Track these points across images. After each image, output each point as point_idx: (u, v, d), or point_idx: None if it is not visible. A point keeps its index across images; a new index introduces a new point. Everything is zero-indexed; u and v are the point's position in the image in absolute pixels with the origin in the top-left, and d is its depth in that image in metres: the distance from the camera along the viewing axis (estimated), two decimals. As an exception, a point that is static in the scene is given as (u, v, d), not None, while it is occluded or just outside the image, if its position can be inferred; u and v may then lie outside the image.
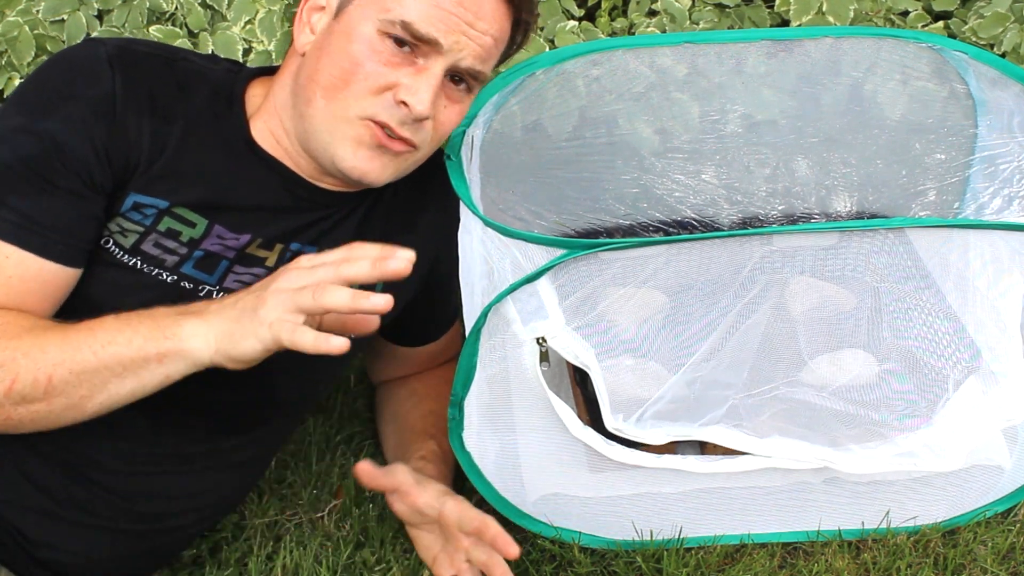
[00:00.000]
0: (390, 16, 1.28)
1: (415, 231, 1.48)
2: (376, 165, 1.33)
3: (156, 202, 1.32)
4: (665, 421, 1.41)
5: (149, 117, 1.31)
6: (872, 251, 1.57)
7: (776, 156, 1.54)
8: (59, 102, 1.28)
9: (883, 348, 1.56)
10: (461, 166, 1.42)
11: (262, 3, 1.98)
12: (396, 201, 1.47)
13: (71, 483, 1.36)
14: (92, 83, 1.29)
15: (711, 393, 1.44)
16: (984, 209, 1.48)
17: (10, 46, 1.96)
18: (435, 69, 1.29)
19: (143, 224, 1.32)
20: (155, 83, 1.33)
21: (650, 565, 1.50)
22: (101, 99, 1.29)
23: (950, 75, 1.58)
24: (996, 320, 1.44)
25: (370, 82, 1.29)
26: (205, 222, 1.34)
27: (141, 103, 1.31)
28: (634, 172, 1.51)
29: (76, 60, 1.31)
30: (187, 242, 1.34)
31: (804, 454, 1.44)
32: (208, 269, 1.35)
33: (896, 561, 1.52)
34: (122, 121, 1.29)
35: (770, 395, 1.47)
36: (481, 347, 1.37)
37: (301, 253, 1.37)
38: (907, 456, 1.44)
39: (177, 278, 1.34)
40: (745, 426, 1.43)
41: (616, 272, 1.34)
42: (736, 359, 1.44)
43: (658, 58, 1.57)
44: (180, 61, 1.38)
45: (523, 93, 1.53)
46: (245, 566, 1.53)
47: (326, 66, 1.30)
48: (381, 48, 1.29)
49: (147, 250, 1.33)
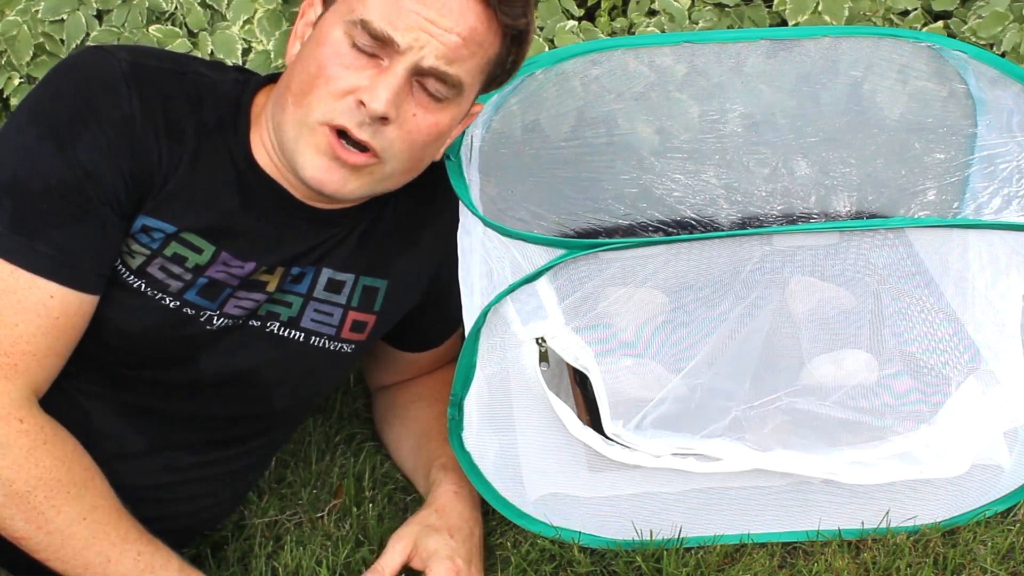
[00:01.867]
0: (352, 16, 1.26)
1: (417, 246, 1.47)
2: (336, 177, 1.29)
3: (164, 226, 1.31)
4: (666, 430, 1.41)
5: (165, 138, 1.29)
6: (872, 251, 1.57)
7: (775, 156, 1.53)
8: (82, 125, 1.26)
9: (883, 349, 1.56)
10: (460, 166, 1.42)
11: (261, 3, 1.98)
12: (397, 218, 1.46)
13: None
14: (112, 103, 1.27)
15: (713, 403, 1.44)
16: (983, 209, 1.48)
17: (10, 46, 1.96)
18: (396, 69, 1.25)
19: (150, 247, 1.31)
20: (167, 101, 1.31)
21: (650, 565, 1.50)
22: (122, 121, 1.27)
23: (949, 75, 1.58)
24: (996, 320, 1.43)
25: (331, 86, 1.26)
26: (212, 248, 1.33)
27: (157, 124, 1.29)
28: (633, 172, 1.51)
29: (92, 76, 1.28)
30: (192, 268, 1.32)
31: (808, 469, 1.44)
32: (211, 296, 1.35)
33: (896, 561, 1.52)
34: (142, 142, 1.28)
35: (773, 406, 1.47)
36: (480, 347, 1.37)
37: (302, 276, 1.39)
38: (913, 464, 1.44)
39: (180, 304, 1.33)
40: (747, 439, 1.43)
41: (615, 272, 1.34)
42: (738, 367, 1.44)
43: (657, 58, 1.57)
44: (189, 74, 1.35)
45: (522, 93, 1.53)
46: (245, 566, 1.53)
47: (298, 72, 1.29)
48: (344, 50, 1.26)
49: (152, 273, 1.32)
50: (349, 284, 1.43)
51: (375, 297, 1.46)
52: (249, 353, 1.40)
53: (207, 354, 1.37)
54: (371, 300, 1.46)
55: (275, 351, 1.41)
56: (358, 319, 1.45)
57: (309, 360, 1.44)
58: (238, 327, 1.38)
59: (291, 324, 1.41)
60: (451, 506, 1.48)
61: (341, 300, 1.43)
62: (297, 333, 1.42)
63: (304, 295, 1.40)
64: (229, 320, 1.37)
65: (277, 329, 1.40)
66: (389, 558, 1.42)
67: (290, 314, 1.40)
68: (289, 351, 1.42)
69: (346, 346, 1.46)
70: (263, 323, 1.39)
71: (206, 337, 1.36)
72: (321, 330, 1.43)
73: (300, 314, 1.41)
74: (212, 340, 1.37)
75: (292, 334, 1.41)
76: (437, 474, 1.53)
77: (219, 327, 1.36)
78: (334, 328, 1.44)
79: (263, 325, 1.39)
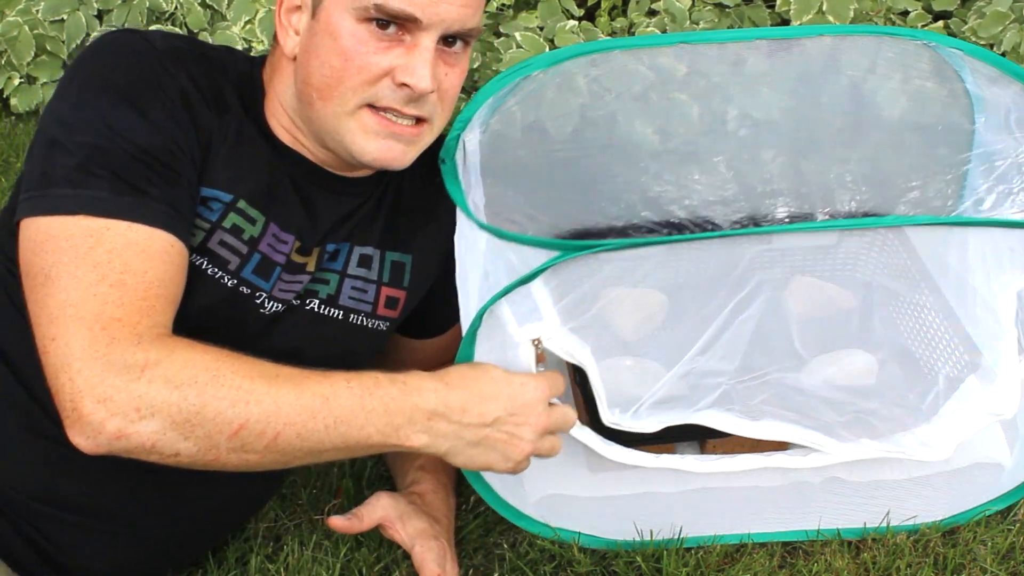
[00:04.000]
0: (362, 2, 1.26)
1: (436, 220, 1.49)
2: (395, 153, 1.32)
3: (221, 195, 1.32)
4: (662, 413, 1.41)
5: (214, 111, 1.31)
6: (870, 249, 1.58)
7: (775, 155, 1.53)
8: (150, 93, 1.26)
9: (882, 347, 1.56)
10: (456, 169, 1.42)
11: (262, 3, 1.98)
12: (414, 192, 1.48)
13: (111, 498, 1.36)
14: (167, 76, 1.28)
15: (704, 381, 1.44)
16: (981, 206, 1.47)
17: (10, 46, 1.96)
18: (425, 43, 1.27)
19: (209, 220, 1.31)
20: (201, 78, 1.33)
21: (650, 565, 1.50)
22: (178, 92, 1.28)
23: (947, 73, 1.58)
24: (992, 316, 1.43)
25: (364, 74, 1.28)
26: (263, 218, 1.34)
27: (206, 97, 1.31)
28: (632, 172, 1.51)
29: (139, 50, 1.29)
30: (247, 241, 1.34)
31: (795, 436, 1.44)
32: (265, 275, 1.35)
33: (896, 561, 1.52)
34: (197, 113, 1.29)
35: (762, 380, 1.47)
36: (477, 349, 1.36)
37: (337, 253, 1.41)
38: (895, 444, 1.44)
39: (237, 283, 1.34)
40: (737, 409, 1.43)
41: (612, 273, 1.34)
42: (729, 351, 1.44)
43: (658, 58, 1.56)
44: (211, 52, 1.38)
45: (521, 94, 1.52)
46: (245, 566, 1.53)
47: (316, 68, 1.30)
48: (366, 37, 1.27)
49: (213, 249, 1.32)
50: (376, 259, 1.45)
51: (403, 272, 1.48)
52: (294, 333, 1.40)
53: (259, 341, 1.36)
54: (400, 276, 1.48)
55: (318, 329, 1.42)
56: (391, 295, 1.47)
57: (349, 339, 1.45)
58: (288, 311, 1.39)
59: (330, 302, 1.42)
60: (431, 499, 1.52)
61: (372, 276, 1.45)
62: (336, 311, 1.43)
63: (340, 271, 1.42)
64: (280, 305, 1.37)
65: (318, 307, 1.41)
66: (369, 510, 1.43)
67: (328, 291, 1.42)
68: (329, 330, 1.43)
69: (382, 323, 1.47)
70: (303, 301, 1.40)
71: (259, 323, 1.37)
72: (359, 308, 1.44)
73: (338, 292, 1.42)
74: (264, 328, 1.37)
75: (332, 312, 1.42)
76: (416, 474, 1.55)
77: (271, 313, 1.37)
78: (370, 305, 1.45)
79: (303, 303, 1.40)
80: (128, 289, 1.17)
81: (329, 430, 1.19)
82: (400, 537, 1.44)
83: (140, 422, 1.13)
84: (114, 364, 1.13)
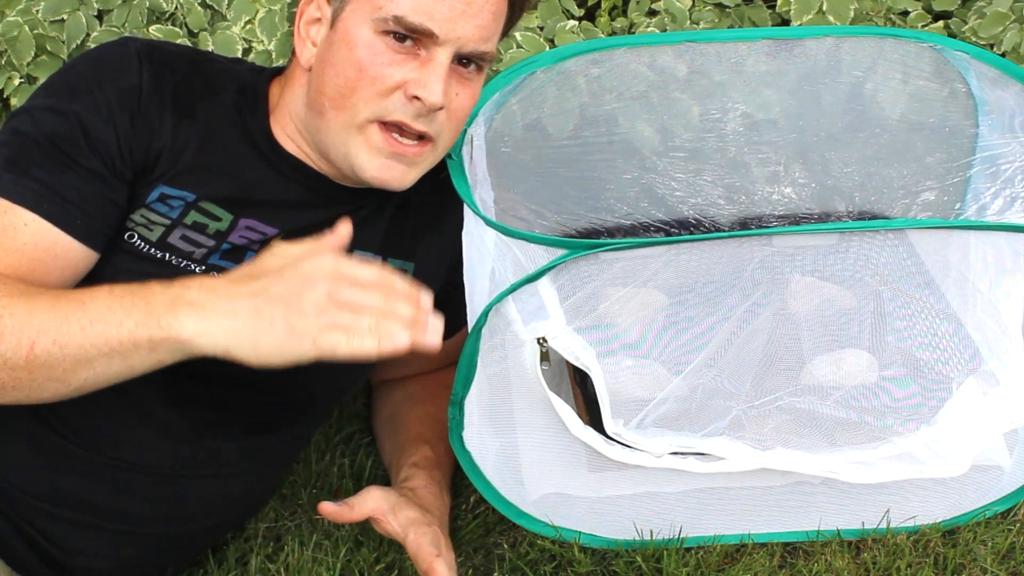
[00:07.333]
0: (382, 14, 1.27)
1: (442, 230, 1.49)
2: (396, 173, 1.33)
3: (183, 194, 1.33)
4: (667, 430, 1.41)
5: (171, 111, 1.33)
6: (873, 251, 1.57)
7: (777, 156, 1.53)
8: (86, 89, 1.30)
9: (884, 350, 1.55)
10: (462, 165, 1.42)
11: (262, 3, 1.98)
12: (421, 200, 1.48)
13: (112, 494, 1.36)
14: (119, 74, 1.31)
15: (714, 402, 1.44)
16: (986, 210, 1.47)
17: (10, 46, 1.96)
18: (440, 58, 1.28)
19: (169, 216, 1.33)
20: (180, 80, 1.35)
21: (650, 565, 1.50)
22: (127, 90, 1.31)
23: (951, 75, 1.58)
24: (997, 321, 1.43)
25: (377, 86, 1.29)
26: (230, 217, 1.35)
27: (164, 97, 1.33)
28: (635, 171, 1.51)
29: (106, 53, 1.34)
30: (213, 234, 1.34)
31: (809, 467, 1.44)
32: (236, 260, 1.35)
33: (896, 561, 1.52)
34: (146, 113, 1.31)
35: (774, 405, 1.47)
36: (482, 346, 1.37)
37: None
38: (914, 464, 1.44)
39: (206, 269, 1.34)
40: (748, 438, 1.43)
41: (617, 272, 1.34)
42: (739, 367, 1.44)
43: (658, 57, 1.57)
44: (205, 61, 1.40)
45: (523, 92, 1.53)
46: (245, 566, 1.53)
47: (331, 77, 1.30)
48: (382, 48, 1.28)
49: (174, 243, 1.33)
50: None
51: None
52: None
53: None
54: (406, 267, 1.48)
55: None
56: None
57: None
58: None
59: None
60: (423, 493, 1.50)
61: None
62: None
63: None
64: None
65: None
66: (360, 500, 1.41)
67: None
68: None
69: None
70: None
71: None
72: None
73: None
74: None
75: None
76: (409, 471, 1.54)
77: None
78: None
79: None
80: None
81: (86, 331, 1.13)
82: (392, 528, 1.41)
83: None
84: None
